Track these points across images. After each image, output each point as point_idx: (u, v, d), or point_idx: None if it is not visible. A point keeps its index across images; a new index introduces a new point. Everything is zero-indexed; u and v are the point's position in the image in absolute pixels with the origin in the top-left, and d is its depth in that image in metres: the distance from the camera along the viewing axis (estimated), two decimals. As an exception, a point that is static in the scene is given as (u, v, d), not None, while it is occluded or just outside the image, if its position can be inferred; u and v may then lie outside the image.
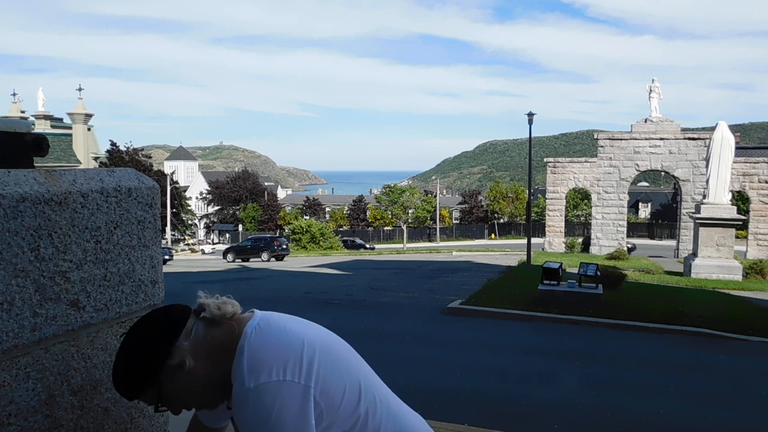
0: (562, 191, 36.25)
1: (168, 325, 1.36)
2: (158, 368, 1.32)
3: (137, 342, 1.34)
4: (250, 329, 1.38)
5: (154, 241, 1.67)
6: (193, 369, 1.34)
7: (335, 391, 1.36)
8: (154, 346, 1.33)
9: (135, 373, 1.32)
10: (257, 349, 1.34)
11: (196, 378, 1.35)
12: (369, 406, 1.42)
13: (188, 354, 1.34)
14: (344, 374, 1.40)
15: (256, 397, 1.29)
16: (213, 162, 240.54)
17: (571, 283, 12.97)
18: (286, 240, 40.76)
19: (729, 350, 9.78)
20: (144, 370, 1.32)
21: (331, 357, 1.40)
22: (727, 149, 21.57)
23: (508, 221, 68.19)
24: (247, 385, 1.30)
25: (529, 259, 25.06)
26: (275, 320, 1.43)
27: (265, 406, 1.29)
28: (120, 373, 1.34)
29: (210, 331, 1.38)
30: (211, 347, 1.37)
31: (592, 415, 6.12)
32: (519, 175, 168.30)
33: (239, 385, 1.32)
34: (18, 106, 39.59)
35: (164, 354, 1.32)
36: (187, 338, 1.35)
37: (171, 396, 1.35)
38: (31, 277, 1.33)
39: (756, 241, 33.05)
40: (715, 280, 20.00)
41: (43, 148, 1.62)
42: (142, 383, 1.33)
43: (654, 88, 34.62)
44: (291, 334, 1.39)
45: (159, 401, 1.35)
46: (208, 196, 75.97)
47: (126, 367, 1.33)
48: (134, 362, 1.32)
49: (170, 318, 1.37)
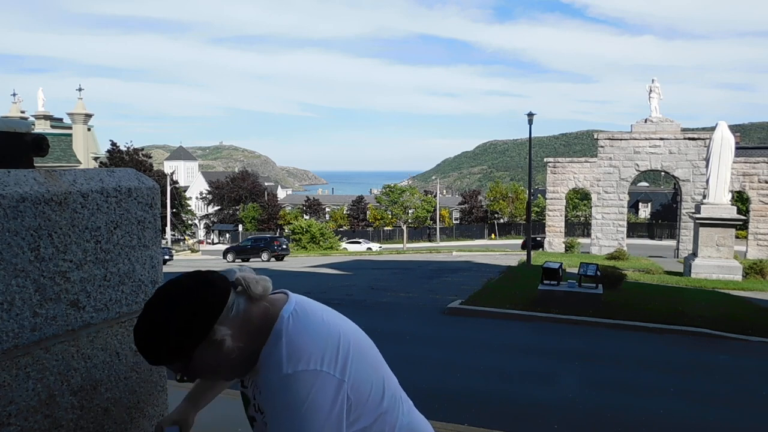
0: (562, 191, 36.24)
1: (215, 297, 1.30)
2: (198, 342, 1.27)
3: (181, 311, 1.26)
4: (286, 314, 1.36)
5: (154, 241, 1.67)
6: (229, 346, 1.31)
7: (364, 387, 1.36)
8: (201, 320, 1.27)
9: (171, 344, 1.26)
10: (296, 335, 1.31)
11: (228, 354, 1.31)
12: (389, 402, 1.43)
13: (228, 331, 1.30)
14: (371, 370, 1.40)
15: (291, 384, 1.26)
16: (213, 162, 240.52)
17: (571, 283, 12.97)
18: (286, 240, 40.75)
19: (729, 350, 9.78)
20: (183, 342, 1.26)
21: (363, 352, 1.39)
22: (727, 149, 21.57)
23: (508, 221, 68.18)
24: (285, 371, 1.27)
25: (529, 259, 25.06)
26: (311, 308, 1.42)
27: (299, 395, 1.26)
28: (153, 339, 1.26)
29: (248, 309, 1.34)
30: (248, 326, 1.33)
31: (592, 415, 6.12)
32: (519, 175, 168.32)
33: (274, 371, 1.28)
34: (18, 106, 39.57)
35: (208, 329, 1.27)
36: (229, 314, 1.30)
37: (198, 369, 1.31)
38: (31, 277, 1.33)
39: (756, 241, 33.05)
40: (715, 280, 20.00)
41: (43, 148, 1.62)
42: (175, 354, 1.27)
43: (654, 88, 34.62)
44: (329, 326, 1.37)
45: (185, 373, 1.31)
46: (208, 196, 75.96)
47: (162, 334, 1.26)
48: (173, 332, 1.25)
49: (217, 290, 1.31)
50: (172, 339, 1.25)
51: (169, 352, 1.27)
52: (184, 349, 1.27)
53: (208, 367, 1.32)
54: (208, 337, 1.27)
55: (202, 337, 1.27)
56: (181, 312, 1.26)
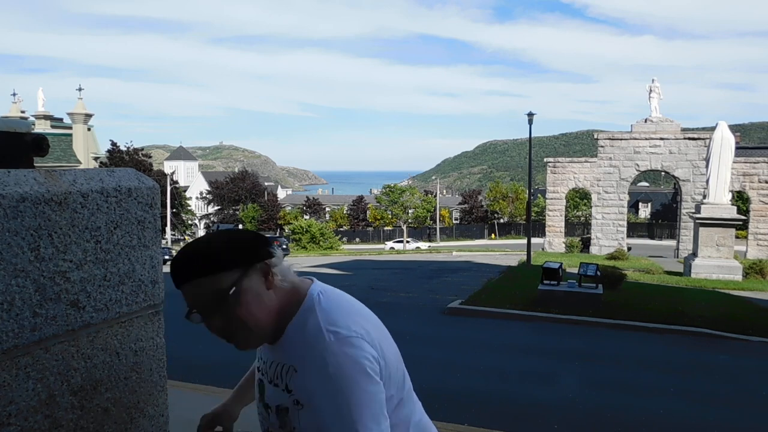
0: (562, 191, 36.24)
1: (266, 246, 1.37)
2: (252, 260, 1.32)
3: (237, 234, 1.34)
4: (315, 292, 1.40)
5: (154, 241, 1.67)
6: (264, 302, 1.33)
7: (392, 365, 1.39)
8: (248, 250, 1.33)
9: (216, 254, 1.29)
10: (329, 309, 1.35)
11: (260, 311, 1.33)
12: (407, 393, 1.47)
13: (265, 285, 1.34)
14: (395, 355, 1.43)
15: (336, 350, 1.28)
16: (213, 162, 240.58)
17: (571, 283, 12.98)
18: (286, 240, 40.78)
19: (729, 350, 9.78)
20: (230, 256, 1.30)
21: (388, 337, 1.44)
22: (727, 149, 21.57)
23: (508, 221, 68.18)
24: (327, 339, 1.29)
25: (529, 259, 25.06)
26: (336, 291, 1.46)
27: (346, 361, 1.28)
28: (201, 247, 1.31)
29: (284, 279, 1.38)
30: (279, 295, 1.37)
31: (592, 415, 6.13)
32: (519, 175, 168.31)
33: (316, 342, 1.30)
34: (18, 106, 39.55)
35: (252, 259, 1.32)
36: (271, 267, 1.36)
37: (231, 309, 1.30)
38: (31, 277, 1.33)
39: (756, 241, 33.05)
40: (715, 280, 20.00)
41: (43, 148, 1.62)
42: (228, 266, 1.29)
43: (654, 88, 34.61)
44: (356, 304, 1.43)
45: (219, 304, 1.29)
46: (208, 196, 75.95)
47: (214, 244, 1.31)
48: (224, 243, 1.32)
49: (269, 244, 1.38)
50: (221, 247, 1.31)
51: (209, 263, 1.28)
52: (236, 261, 1.30)
53: (239, 313, 1.30)
54: (249, 274, 1.31)
55: (245, 262, 1.31)
56: (237, 235, 1.35)
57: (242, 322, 1.32)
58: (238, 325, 1.32)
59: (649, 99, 34.89)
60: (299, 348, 1.34)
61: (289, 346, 1.37)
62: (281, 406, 1.39)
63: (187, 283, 1.30)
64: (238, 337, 1.35)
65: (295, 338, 1.35)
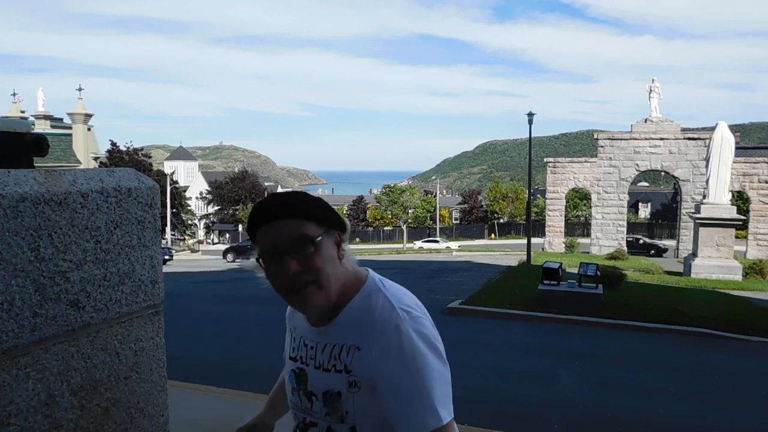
0: (562, 191, 36.24)
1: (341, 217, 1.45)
2: (333, 225, 1.38)
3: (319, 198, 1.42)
4: (375, 277, 1.44)
5: (154, 241, 1.67)
6: (336, 267, 1.36)
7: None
8: (332, 212, 1.41)
9: (311, 203, 1.37)
10: (396, 292, 1.39)
11: (333, 273, 1.35)
12: None
13: (341, 251, 1.39)
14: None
15: (411, 327, 1.31)
16: (213, 162, 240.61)
17: (571, 283, 12.98)
18: (286, 240, 40.69)
19: (729, 350, 9.79)
20: (319, 208, 1.37)
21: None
22: (727, 149, 21.58)
23: (508, 221, 68.18)
24: (402, 316, 1.32)
25: (529, 259, 25.06)
26: (390, 281, 1.50)
27: (422, 335, 1.31)
28: (296, 195, 1.39)
29: (347, 259, 1.43)
30: (344, 271, 1.40)
31: (592, 415, 6.13)
32: (519, 175, 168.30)
33: (385, 319, 1.32)
34: (18, 106, 39.56)
35: (336, 223, 1.39)
36: (345, 238, 1.43)
37: (311, 257, 1.32)
38: (31, 277, 1.33)
39: (756, 241, 33.05)
40: (715, 280, 20.01)
41: (43, 148, 1.62)
42: (317, 219, 1.35)
43: (654, 88, 34.62)
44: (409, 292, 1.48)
45: (303, 246, 1.32)
46: (207, 196, 75.90)
47: (304, 196, 1.40)
48: (314, 199, 1.40)
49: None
50: (317, 200, 1.39)
51: (305, 209, 1.35)
52: (315, 215, 1.35)
53: (313, 264, 1.32)
54: (328, 235, 1.36)
55: (331, 220, 1.38)
56: (324, 200, 1.42)
57: (316, 274, 1.33)
58: (311, 276, 1.33)
59: (649, 99, 34.90)
60: (364, 326, 1.34)
61: (350, 325, 1.37)
62: (331, 391, 1.37)
63: (279, 221, 1.33)
64: (307, 291, 1.34)
65: (358, 317, 1.36)
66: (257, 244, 1.36)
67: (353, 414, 1.33)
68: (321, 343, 1.41)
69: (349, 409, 1.34)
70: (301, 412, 1.45)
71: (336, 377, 1.36)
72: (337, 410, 1.35)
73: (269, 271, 1.35)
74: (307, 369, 1.43)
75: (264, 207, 1.35)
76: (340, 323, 1.39)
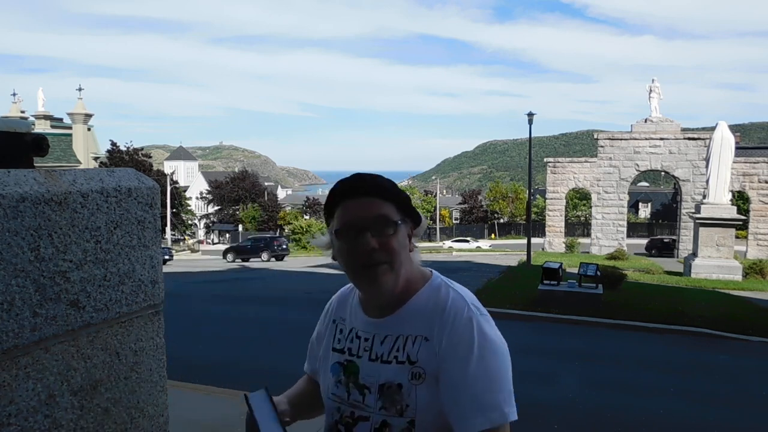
0: (562, 191, 36.24)
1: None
2: (410, 215, 1.42)
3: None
4: (439, 275, 1.48)
5: (154, 241, 1.67)
6: (407, 254, 1.40)
7: None
8: (416, 211, 1.47)
9: (397, 189, 1.43)
10: (462, 290, 1.42)
11: (405, 258, 1.38)
12: None
13: (413, 245, 1.45)
14: None
15: (484, 324, 1.34)
16: (213, 162, 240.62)
17: (571, 283, 12.97)
18: (286, 240, 40.78)
19: (729, 350, 9.78)
20: (403, 194, 1.43)
21: None
22: (727, 149, 21.57)
23: (508, 221, 68.20)
24: (476, 312, 1.35)
25: (529, 259, 25.06)
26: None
27: (495, 334, 1.35)
28: (383, 178, 1.43)
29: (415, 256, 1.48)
30: (410, 264, 1.43)
31: (592, 415, 6.13)
32: (519, 175, 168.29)
33: (458, 313, 1.34)
34: (18, 106, 39.54)
35: (416, 219, 1.45)
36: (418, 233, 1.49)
37: (389, 236, 1.36)
38: (31, 277, 1.33)
39: (756, 241, 33.05)
40: (715, 280, 20.00)
41: (43, 148, 1.62)
42: (400, 204, 1.39)
43: (654, 88, 34.61)
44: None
45: (384, 225, 1.35)
46: (207, 196, 75.91)
47: (404, 191, 1.45)
48: (405, 194, 1.44)
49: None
50: (398, 188, 1.44)
51: (393, 193, 1.40)
52: (400, 201, 1.40)
53: (390, 243, 1.35)
54: (405, 224, 1.40)
55: (411, 211, 1.43)
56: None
57: (391, 255, 1.34)
58: (386, 257, 1.34)
59: (649, 99, 34.90)
60: (435, 317, 1.34)
61: (416, 316, 1.37)
62: (390, 383, 1.34)
63: (366, 198, 1.36)
64: (379, 269, 1.34)
65: (426, 308, 1.37)
66: (335, 219, 1.38)
67: (414, 407, 1.30)
68: (380, 334, 1.40)
69: (410, 401, 1.31)
70: (347, 406, 1.40)
71: (397, 369, 1.34)
72: (396, 403, 1.32)
73: (345, 245, 1.36)
74: (359, 361, 1.41)
75: (350, 183, 1.39)
76: (404, 314, 1.38)
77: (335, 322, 1.54)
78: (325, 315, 1.60)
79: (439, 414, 1.30)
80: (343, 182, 1.40)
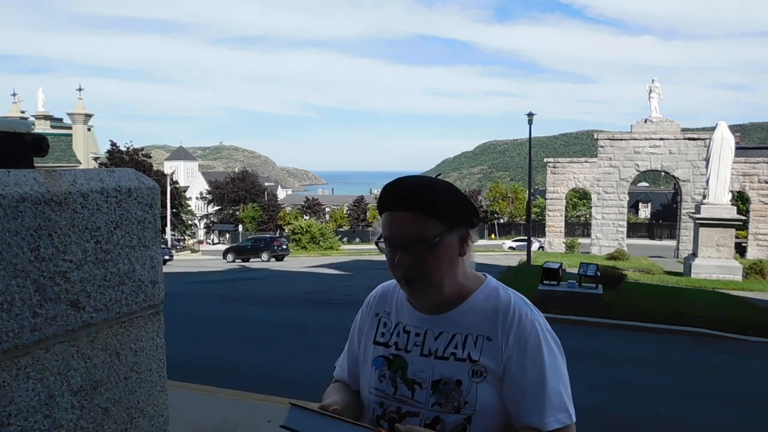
0: (562, 191, 36.23)
1: (477, 214, 1.44)
2: (461, 222, 1.35)
3: (466, 196, 1.39)
4: (492, 278, 1.48)
5: (154, 241, 1.67)
6: (455, 264, 1.36)
7: None
8: (469, 205, 1.37)
9: (448, 197, 1.33)
10: (520, 294, 1.45)
11: (448, 270, 1.35)
12: None
13: (461, 252, 1.37)
14: None
15: (547, 328, 1.39)
16: (213, 162, 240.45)
17: (571, 283, 12.97)
18: (286, 240, 40.75)
19: (729, 350, 9.78)
20: (459, 212, 1.34)
21: None
22: (727, 149, 21.56)
23: (508, 221, 68.19)
24: (540, 316, 1.40)
25: (529, 259, 25.05)
26: None
27: (556, 338, 1.42)
28: (443, 194, 1.33)
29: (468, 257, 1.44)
30: (464, 268, 1.41)
31: (592, 415, 6.12)
32: (519, 175, 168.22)
33: (523, 316, 1.36)
34: (18, 106, 39.54)
35: (470, 223, 1.37)
36: (472, 236, 1.41)
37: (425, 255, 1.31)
38: (31, 277, 1.33)
39: (756, 241, 33.04)
40: (715, 280, 19.99)
41: (43, 148, 1.62)
42: (443, 217, 1.31)
43: (654, 89, 34.60)
44: None
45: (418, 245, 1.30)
46: (208, 196, 75.90)
47: (454, 195, 1.35)
48: (455, 192, 1.36)
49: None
50: (448, 194, 1.33)
51: (441, 202, 1.31)
52: (442, 214, 1.31)
53: (425, 262, 1.32)
54: (453, 232, 1.33)
55: (458, 215, 1.34)
56: (460, 193, 1.38)
57: (428, 272, 1.32)
58: (423, 272, 1.33)
59: (649, 99, 34.88)
60: (498, 318, 1.35)
61: (476, 315, 1.37)
62: (447, 379, 1.33)
63: (401, 213, 1.31)
64: (417, 284, 1.35)
65: (486, 308, 1.37)
66: (381, 226, 1.38)
67: (473, 404, 1.30)
68: (434, 330, 1.38)
69: (470, 399, 1.31)
70: (392, 401, 1.38)
71: (456, 365, 1.33)
72: (453, 399, 1.32)
73: (387, 256, 1.38)
74: (408, 356, 1.39)
75: (390, 194, 1.34)
76: (463, 312, 1.38)
77: (378, 316, 1.52)
78: (367, 308, 1.57)
79: (497, 413, 1.32)
80: (386, 190, 1.36)
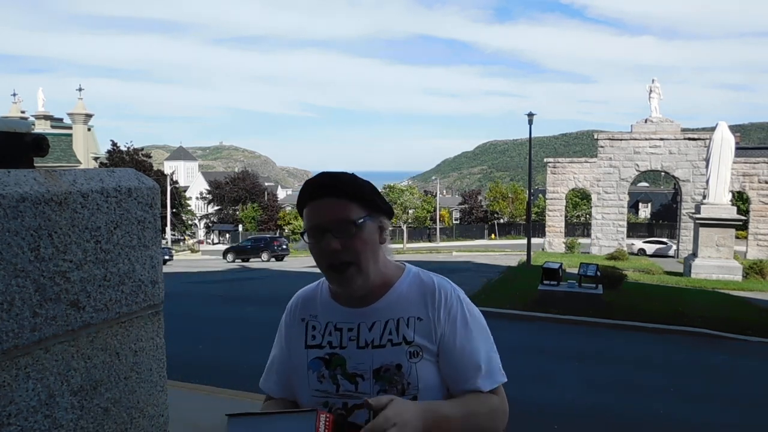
0: (562, 191, 36.23)
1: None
2: (378, 209, 1.41)
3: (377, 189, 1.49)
4: (411, 266, 1.54)
5: (154, 241, 1.67)
6: (376, 251, 1.42)
7: None
8: (386, 203, 1.46)
9: (363, 184, 1.41)
10: (440, 276, 1.52)
11: (373, 255, 1.40)
12: None
13: (380, 240, 1.43)
14: None
15: (464, 297, 1.47)
16: (213, 162, 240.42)
17: (571, 283, 12.98)
18: (286, 240, 40.75)
19: (728, 350, 9.79)
20: (372, 192, 1.42)
21: None
22: (727, 149, 21.58)
23: (508, 221, 68.20)
24: (457, 289, 1.48)
25: (529, 259, 25.06)
26: None
27: (473, 304, 1.49)
28: (351, 175, 1.42)
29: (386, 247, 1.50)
30: (383, 258, 1.46)
31: (592, 415, 6.13)
32: (519, 175, 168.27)
33: (443, 291, 1.44)
34: (18, 106, 39.53)
35: (386, 212, 1.45)
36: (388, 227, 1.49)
37: (351, 238, 1.36)
38: (31, 277, 1.33)
39: (756, 241, 33.04)
40: (715, 280, 20.00)
41: (43, 148, 1.62)
42: (361, 193, 1.38)
43: (654, 89, 34.60)
44: None
45: (345, 227, 1.36)
46: (208, 196, 75.91)
47: (370, 184, 1.44)
48: (366, 182, 1.44)
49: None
50: (365, 183, 1.43)
51: (361, 187, 1.40)
52: (362, 197, 1.39)
53: (353, 245, 1.36)
54: (372, 219, 1.40)
55: (377, 204, 1.41)
56: (372, 185, 1.47)
57: (356, 255, 1.37)
58: (351, 257, 1.37)
59: (649, 99, 34.88)
60: (424, 299, 1.43)
61: (403, 300, 1.43)
62: (387, 366, 1.38)
63: (325, 199, 1.38)
64: (349, 270, 1.38)
65: (412, 292, 1.44)
66: (304, 221, 1.41)
67: (415, 384, 1.37)
68: (366, 322, 1.43)
69: (412, 379, 1.37)
70: (337, 398, 1.42)
71: (393, 351, 1.39)
72: (396, 383, 1.37)
73: (312, 246, 1.40)
74: (344, 351, 1.42)
75: (312, 185, 1.40)
76: (391, 300, 1.44)
77: (304, 320, 1.54)
78: (291, 315, 1.59)
79: (439, 388, 1.40)
80: (308, 183, 1.42)
